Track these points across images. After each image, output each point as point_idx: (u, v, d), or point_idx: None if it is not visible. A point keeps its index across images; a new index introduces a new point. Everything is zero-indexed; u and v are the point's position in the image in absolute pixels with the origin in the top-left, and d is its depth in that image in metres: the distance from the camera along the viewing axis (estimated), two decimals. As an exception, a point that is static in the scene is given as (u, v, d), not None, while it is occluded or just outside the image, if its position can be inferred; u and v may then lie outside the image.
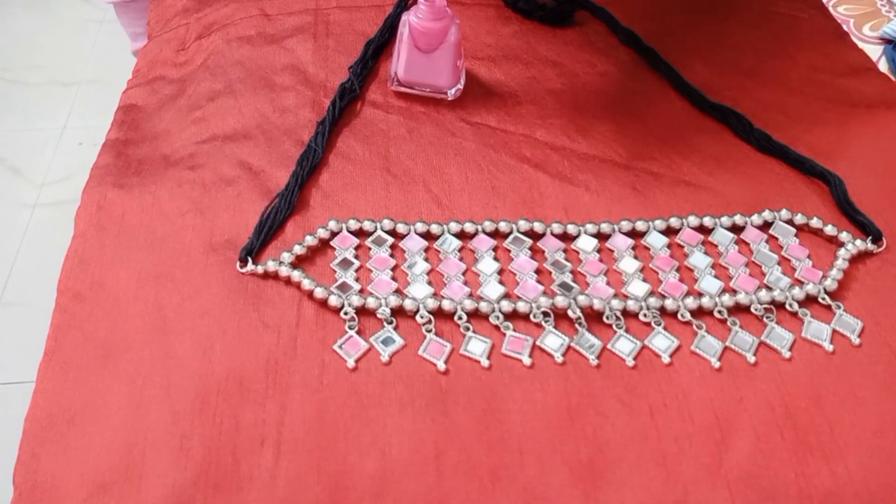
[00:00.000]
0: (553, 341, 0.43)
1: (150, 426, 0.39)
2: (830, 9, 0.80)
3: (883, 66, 0.75)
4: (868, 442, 0.39)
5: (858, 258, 0.47)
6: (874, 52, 0.76)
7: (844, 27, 0.68)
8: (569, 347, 0.43)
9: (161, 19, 0.66)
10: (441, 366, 0.42)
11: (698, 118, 0.55)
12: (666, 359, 0.42)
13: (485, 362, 0.42)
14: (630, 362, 0.42)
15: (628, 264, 0.46)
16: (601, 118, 0.55)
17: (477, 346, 0.43)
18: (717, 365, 0.42)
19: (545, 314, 0.44)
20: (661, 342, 0.43)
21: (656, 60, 0.57)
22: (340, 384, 0.41)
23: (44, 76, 1.75)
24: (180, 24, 0.64)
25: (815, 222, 0.48)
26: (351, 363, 0.42)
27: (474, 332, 0.43)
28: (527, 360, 0.42)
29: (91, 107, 1.67)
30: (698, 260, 0.47)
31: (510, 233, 0.48)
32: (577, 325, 0.43)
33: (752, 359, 0.42)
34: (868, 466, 0.39)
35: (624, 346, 0.43)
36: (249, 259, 0.46)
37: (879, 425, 0.40)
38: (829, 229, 0.48)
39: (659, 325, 0.43)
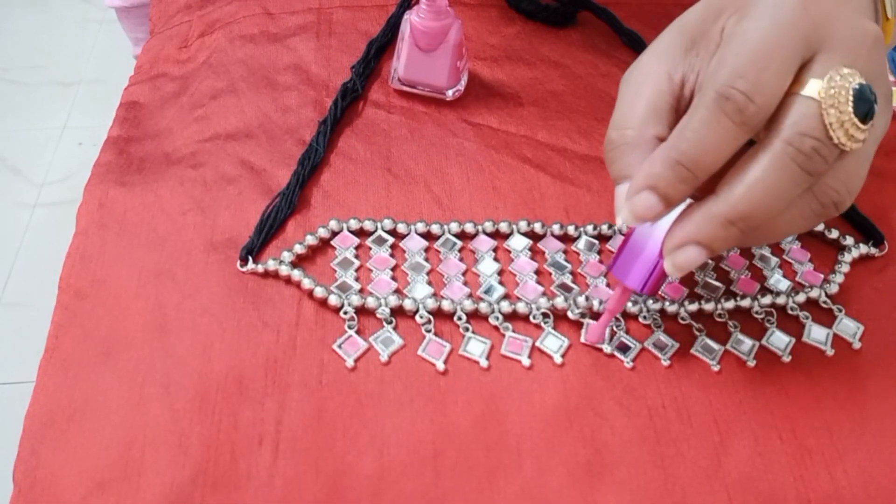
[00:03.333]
0: (552, 342, 0.43)
1: (150, 424, 0.39)
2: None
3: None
4: (867, 446, 0.39)
5: (860, 262, 0.48)
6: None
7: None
8: (568, 348, 0.43)
9: (163, 16, 0.66)
10: (440, 366, 0.42)
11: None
12: (665, 361, 0.42)
13: (484, 363, 0.42)
14: (628, 364, 0.42)
15: None
16: (603, 120, 0.55)
17: (476, 347, 0.43)
18: (717, 368, 0.42)
19: (545, 315, 0.44)
20: (660, 344, 0.43)
21: None
22: (339, 384, 0.41)
23: (44, 76, 1.75)
24: (183, 21, 0.64)
25: (818, 226, 0.48)
26: (350, 363, 0.42)
27: (474, 332, 0.43)
28: (526, 361, 0.42)
29: (91, 107, 1.67)
30: None
31: (511, 234, 0.48)
32: (582, 321, 0.44)
33: (751, 362, 0.42)
34: (867, 471, 0.39)
35: (623, 347, 0.43)
36: (250, 258, 0.46)
37: (879, 430, 0.40)
38: (831, 233, 0.48)
39: (659, 327, 0.44)
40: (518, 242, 0.47)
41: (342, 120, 0.54)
